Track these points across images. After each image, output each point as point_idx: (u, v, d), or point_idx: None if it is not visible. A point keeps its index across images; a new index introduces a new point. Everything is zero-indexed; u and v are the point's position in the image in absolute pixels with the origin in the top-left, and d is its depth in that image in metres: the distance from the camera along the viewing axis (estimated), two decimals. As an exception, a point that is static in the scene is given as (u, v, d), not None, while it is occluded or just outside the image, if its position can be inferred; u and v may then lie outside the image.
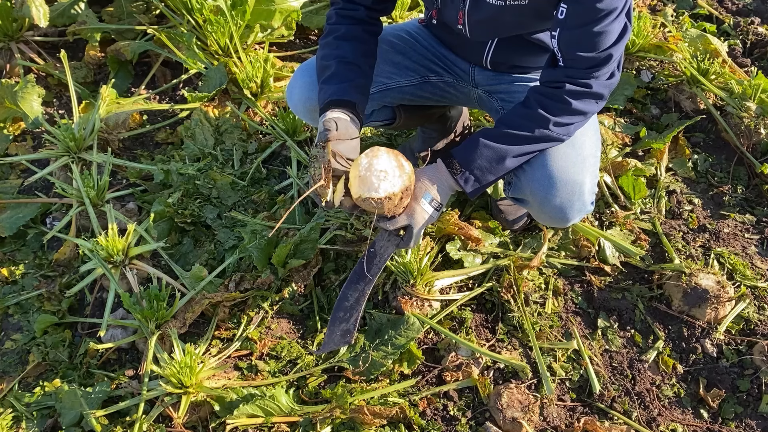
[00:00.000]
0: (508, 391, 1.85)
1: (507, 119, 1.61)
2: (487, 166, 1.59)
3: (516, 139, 1.58)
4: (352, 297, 1.73)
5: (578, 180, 1.68)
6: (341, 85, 1.65)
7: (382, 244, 1.68)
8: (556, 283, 2.17)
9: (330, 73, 1.68)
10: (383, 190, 1.49)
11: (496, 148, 1.58)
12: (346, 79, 1.66)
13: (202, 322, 2.12)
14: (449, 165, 1.61)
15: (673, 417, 1.88)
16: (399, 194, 1.51)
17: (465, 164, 1.59)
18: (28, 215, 2.47)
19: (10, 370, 2.10)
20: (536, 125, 1.56)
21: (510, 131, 1.58)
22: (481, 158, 1.58)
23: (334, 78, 1.67)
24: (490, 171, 1.60)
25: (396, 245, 1.66)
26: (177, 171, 2.49)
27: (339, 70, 1.67)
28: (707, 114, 2.70)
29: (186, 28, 2.91)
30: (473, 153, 1.58)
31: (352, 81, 1.66)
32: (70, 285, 2.28)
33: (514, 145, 1.58)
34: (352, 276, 1.73)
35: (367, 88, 1.72)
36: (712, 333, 2.04)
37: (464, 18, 1.71)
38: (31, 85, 2.72)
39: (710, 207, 2.44)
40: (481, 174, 1.60)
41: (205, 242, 2.35)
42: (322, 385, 1.95)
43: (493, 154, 1.58)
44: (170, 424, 1.85)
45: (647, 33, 2.81)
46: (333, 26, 1.75)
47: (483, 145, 1.58)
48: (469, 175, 1.59)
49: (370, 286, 1.71)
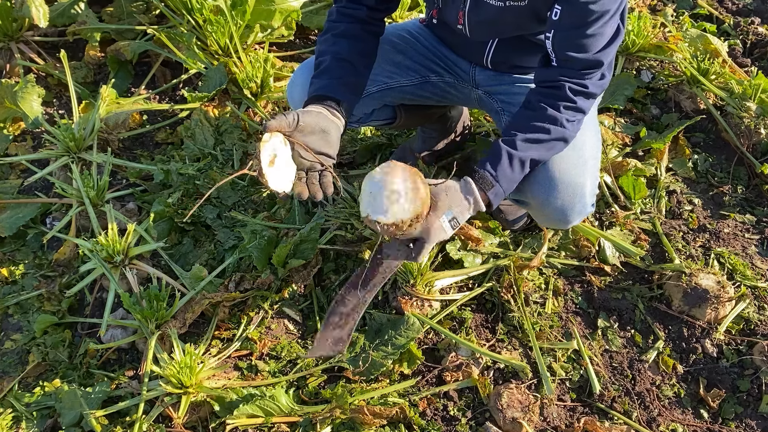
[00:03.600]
0: (508, 391, 1.85)
1: (519, 125, 1.57)
2: (514, 177, 1.55)
3: (536, 144, 1.55)
4: (350, 303, 1.65)
5: (579, 182, 1.68)
6: (330, 81, 1.63)
7: (389, 253, 1.56)
8: (556, 283, 2.16)
9: (322, 69, 1.66)
10: (392, 215, 1.39)
11: (522, 157, 1.54)
12: (336, 75, 1.64)
13: (202, 322, 2.12)
14: (478, 180, 1.53)
15: (673, 417, 1.88)
16: (408, 221, 1.41)
17: (496, 178, 1.53)
18: (28, 215, 2.47)
19: (10, 370, 2.10)
20: (551, 125, 1.54)
21: (529, 136, 1.55)
22: (509, 170, 1.54)
23: (324, 73, 1.65)
24: (515, 180, 1.56)
25: (405, 257, 1.55)
26: (177, 171, 2.49)
27: (331, 66, 1.65)
28: (707, 114, 2.70)
29: (186, 28, 2.91)
30: (501, 165, 1.53)
31: (341, 78, 1.64)
32: (70, 285, 2.28)
33: (536, 150, 1.56)
34: (353, 280, 1.65)
35: (358, 86, 1.70)
36: (712, 333, 2.04)
37: (464, 18, 1.71)
38: (31, 85, 2.72)
39: (710, 207, 2.44)
40: (507, 186, 1.55)
41: (205, 242, 2.35)
42: (322, 385, 1.95)
43: (518, 164, 1.54)
44: (170, 424, 1.85)
45: (647, 33, 2.81)
46: (333, 23, 1.74)
47: (509, 155, 1.53)
48: (499, 188, 1.54)
49: (372, 295, 1.65)
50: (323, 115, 1.55)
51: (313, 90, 1.64)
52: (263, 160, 1.40)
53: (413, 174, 1.43)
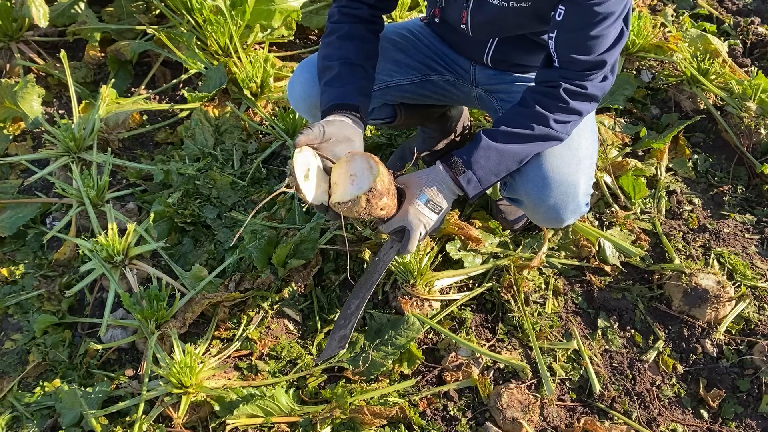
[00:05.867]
0: (508, 391, 1.85)
1: (506, 119, 1.60)
2: (490, 167, 1.57)
3: (518, 138, 1.57)
4: (353, 304, 1.71)
5: (572, 181, 1.67)
6: (345, 88, 1.64)
7: (385, 251, 1.67)
8: (556, 283, 2.16)
9: (333, 75, 1.66)
10: (350, 194, 1.45)
11: (499, 148, 1.56)
12: (350, 81, 1.65)
13: (202, 322, 2.12)
14: (451, 165, 1.58)
15: (673, 417, 1.88)
16: (364, 196, 1.44)
17: (467, 164, 1.56)
18: (28, 215, 2.47)
19: (10, 370, 2.10)
20: (536, 123, 1.56)
21: (511, 130, 1.57)
22: (484, 158, 1.56)
23: (337, 80, 1.66)
24: (492, 171, 1.58)
25: (397, 251, 1.63)
26: (177, 171, 2.49)
27: (343, 72, 1.66)
28: (707, 114, 2.70)
29: (186, 28, 2.91)
30: (476, 153, 1.56)
31: (355, 84, 1.65)
32: (70, 285, 2.28)
33: (516, 144, 1.57)
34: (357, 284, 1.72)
35: (369, 89, 1.72)
36: (712, 333, 2.04)
37: (467, 18, 1.71)
38: (31, 85, 2.72)
39: (710, 207, 2.44)
40: (483, 175, 1.57)
41: (205, 242, 2.35)
42: (322, 385, 1.95)
43: (495, 154, 1.56)
44: (170, 424, 1.85)
45: (647, 33, 2.81)
46: (336, 24, 1.74)
47: (485, 145, 1.56)
48: (472, 175, 1.57)
49: (371, 292, 1.69)
50: (345, 124, 1.58)
51: (330, 98, 1.64)
52: (298, 176, 1.44)
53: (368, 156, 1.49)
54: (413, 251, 1.63)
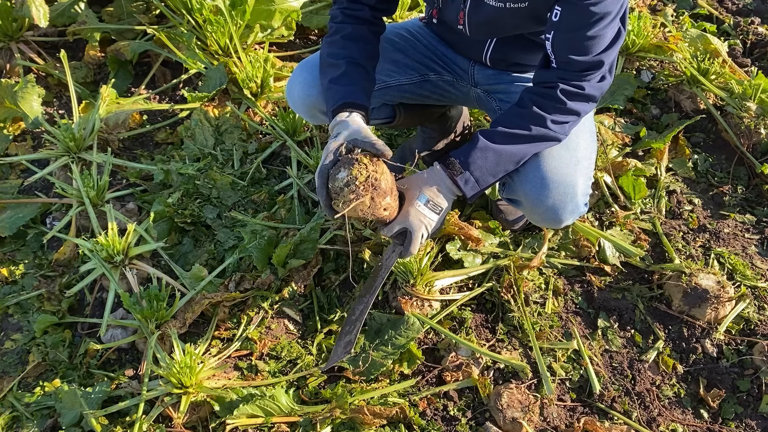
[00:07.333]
0: (508, 391, 1.85)
1: (504, 119, 1.60)
2: (487, 167, 1.57)
3: (515, 139, 1.57)
4: (357, 310, 1.72)
5: (571, 181, 1.67)
6: (353, 87, 1.64)
7: (387, 256, 1.68)
8: (556, 283, 2.16)
9: (340, 73, 1.66)
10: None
11: (496, 149, 1.56)
12: (356, 81, 1.66)
13: (202, 322, 2.12)
14: (448, 166, 1.58)
15: (673, 417, 1.88)
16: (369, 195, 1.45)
17: (465, 165, 1.56)
18: (28, 215, 2.47)
19: (10, 370, 2.09)
20: (534, 124, 1.56)
21: (508, 131, 1.57)
22: (481, 159, 1.56)
23: (344, 78, 1.66)
24: (490, 172, 1.58)
25: (399, 254, 1.62)
26: (177, 171, 2.49)
27: (349, 70, 1.66)
28: (707, 114, 2.70)
29: (186, 28, 2.91)
30: (473, 154, 1.56)
31: (360, 83, 1.66)
32: (70, 285, 2.28)
33: (514, 144, 1.57)
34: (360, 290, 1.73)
35: (371, 91, 1.72)
36: (712, 333, 2.04)
37: (465, 18, 1.71)
38: (31, 85, 2.72)
39: (710, 207, 2.44)
40: (481, 175, 1.58)
41: (205, 242, 2.35)
42: (322, 385, 1.95)
43: (493, 155, 1.56)
44: (170, 424, 1.85)
45: (647, 33, 2.81)
46: (339, 25, 1.74)
47: (482, 145, 1.56)
48: (470, 176, 1.57)
49: (374, 296, 1.70)
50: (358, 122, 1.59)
51: (340, 96, 1.63)
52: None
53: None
54: (415, 254, 1.63)
